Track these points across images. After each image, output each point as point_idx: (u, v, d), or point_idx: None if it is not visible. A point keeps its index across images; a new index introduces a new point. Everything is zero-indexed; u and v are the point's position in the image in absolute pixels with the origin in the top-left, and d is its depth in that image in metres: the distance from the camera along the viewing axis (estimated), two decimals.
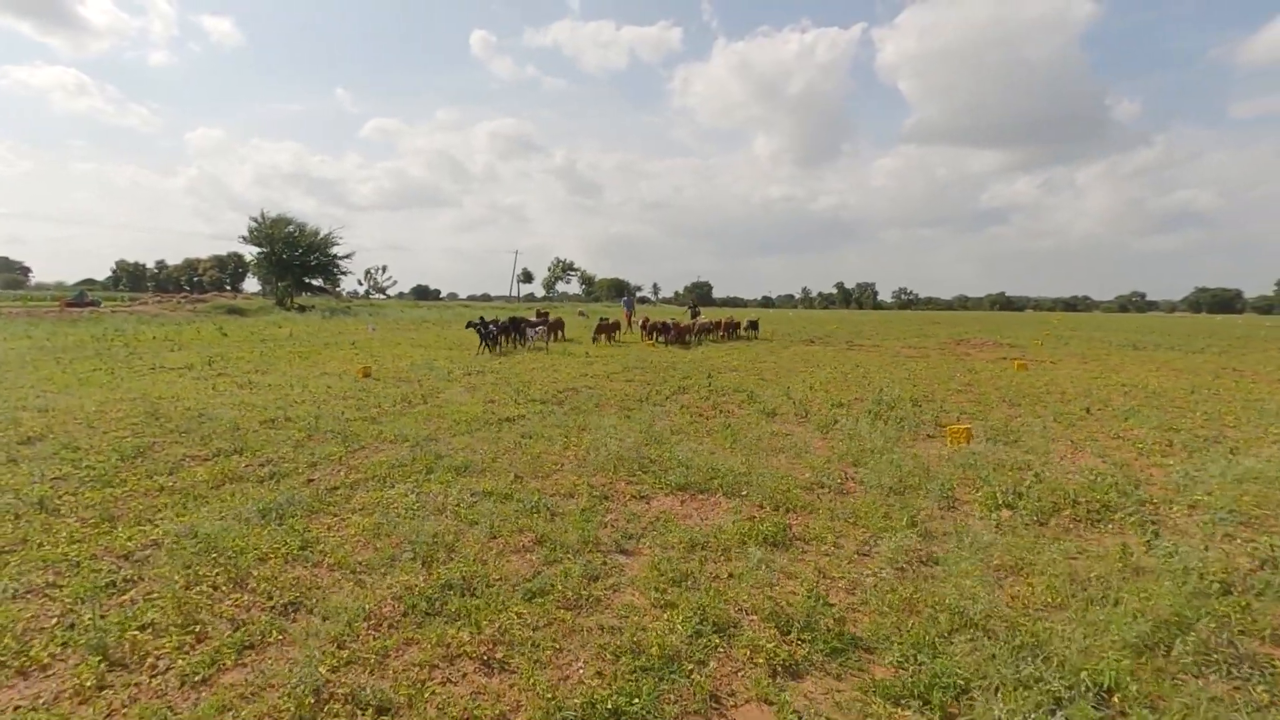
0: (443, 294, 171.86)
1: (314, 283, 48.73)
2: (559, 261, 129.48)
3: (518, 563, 4.14)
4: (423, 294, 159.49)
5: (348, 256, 49.31)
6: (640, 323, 21.79)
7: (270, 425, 7.92)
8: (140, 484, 5.53)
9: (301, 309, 42.78)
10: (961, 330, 34.57)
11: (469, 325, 18.07)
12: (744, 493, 5.55)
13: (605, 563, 4.13)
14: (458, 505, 5.13)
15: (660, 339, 20.61)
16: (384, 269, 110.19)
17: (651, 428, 7.97)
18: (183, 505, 5.04)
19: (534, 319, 23.04)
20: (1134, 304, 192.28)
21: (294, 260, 45.22)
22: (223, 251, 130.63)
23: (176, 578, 3.79)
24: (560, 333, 22.32)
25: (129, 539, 4.33)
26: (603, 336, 21.06)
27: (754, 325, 25.82)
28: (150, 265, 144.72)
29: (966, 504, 5.38)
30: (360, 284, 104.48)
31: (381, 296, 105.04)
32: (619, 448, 6.68)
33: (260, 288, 61.40)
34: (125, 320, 28.24)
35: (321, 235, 46.81)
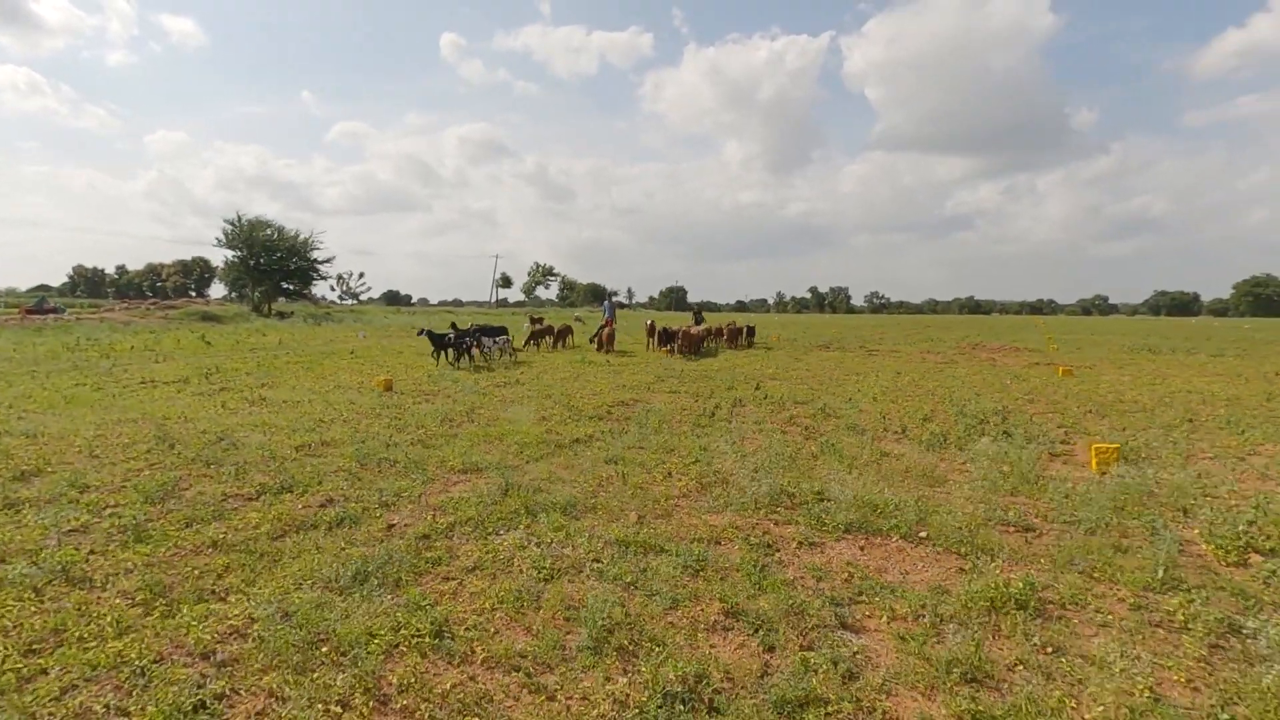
0: (413, 299, 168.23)
1: (290, 288, 46.65)
2: (539, 266, 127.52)
3: (728, 650, 3.17)
4: (393, 299, 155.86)
5: (327, 261, 47.40)
6: (647, 328, 20.88)
7: (307, 452, 6.81)
8: (183, 537, 4.41)
9: (281, 315, 40.85)
10: (962, 334, 34.30)
11: (420, 333, 16.89)
12: (923, 534, 4.65)
13: (845, 647, 3.18)
14: (596, 560, 4.13)
15: (673, 347, 19.60)
16: (361, 275, 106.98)
17: (742, 448, 7.06)
18: (249, 569, 3.96)
19: (530, 325, 22.18)
20: (1097, 307, 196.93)
21: (273, 265, 43.10)
22: (185, 256, 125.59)
23: (290, 692, 2.73)
24: (569, 339, 21.42)
25: (201, 627, 3.24)
26: (612, 345, 19.98)
27: (751, 332, 24.96)
28: (110, 270, 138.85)
29: (1191, 543, 4.55)
30: (333, 289, 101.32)
31: (353, 302, 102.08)
32: (744, 479, 5.74)
33: (228, 293, 58.80)
34: (96, 328, 26.30)
35: (302, 239, 44.79)
